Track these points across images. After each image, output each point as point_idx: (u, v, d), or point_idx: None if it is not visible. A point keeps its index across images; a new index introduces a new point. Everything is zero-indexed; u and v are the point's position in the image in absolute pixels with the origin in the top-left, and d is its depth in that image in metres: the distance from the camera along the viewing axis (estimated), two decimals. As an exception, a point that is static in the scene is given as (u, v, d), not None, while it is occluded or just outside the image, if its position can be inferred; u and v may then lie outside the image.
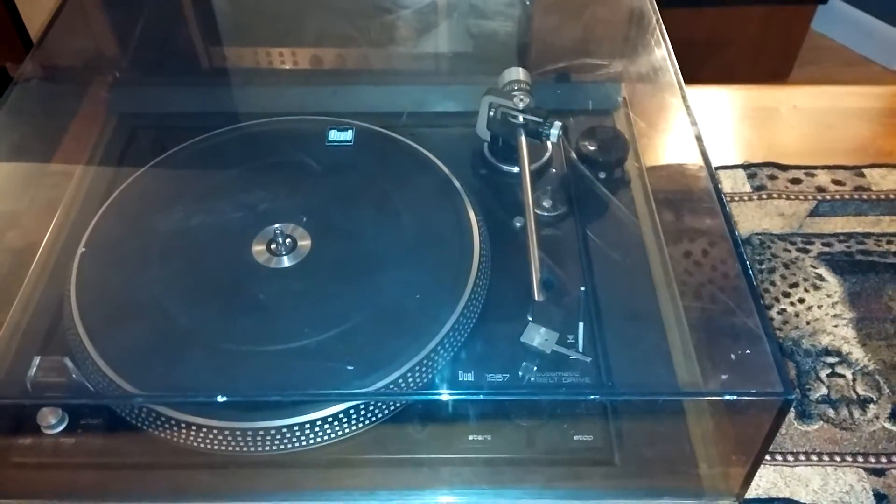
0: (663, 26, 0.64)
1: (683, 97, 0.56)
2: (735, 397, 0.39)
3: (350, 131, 0.60)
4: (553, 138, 0.60)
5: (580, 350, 0.50)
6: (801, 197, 0.74)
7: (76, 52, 0.71)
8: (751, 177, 0.76)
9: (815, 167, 0.77)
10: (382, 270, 0.54)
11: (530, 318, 0.52)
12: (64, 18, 0.66)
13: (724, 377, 0.44)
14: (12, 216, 0.62)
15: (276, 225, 0.56)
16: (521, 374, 0.48)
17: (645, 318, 0.53)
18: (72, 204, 0.62)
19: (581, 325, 0.51)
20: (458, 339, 0.51)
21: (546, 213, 0.60)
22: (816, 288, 0.67)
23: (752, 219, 0.72)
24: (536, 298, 0.49)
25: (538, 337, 0.47)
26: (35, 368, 0.48)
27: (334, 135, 0.59)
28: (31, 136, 0.64)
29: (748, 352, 0.41)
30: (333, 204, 0.59)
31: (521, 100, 0.60)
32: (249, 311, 0.52)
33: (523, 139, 0.60)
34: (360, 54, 0.74)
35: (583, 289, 0.54)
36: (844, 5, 1.97)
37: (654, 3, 0.65)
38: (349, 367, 0.46)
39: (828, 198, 0.74)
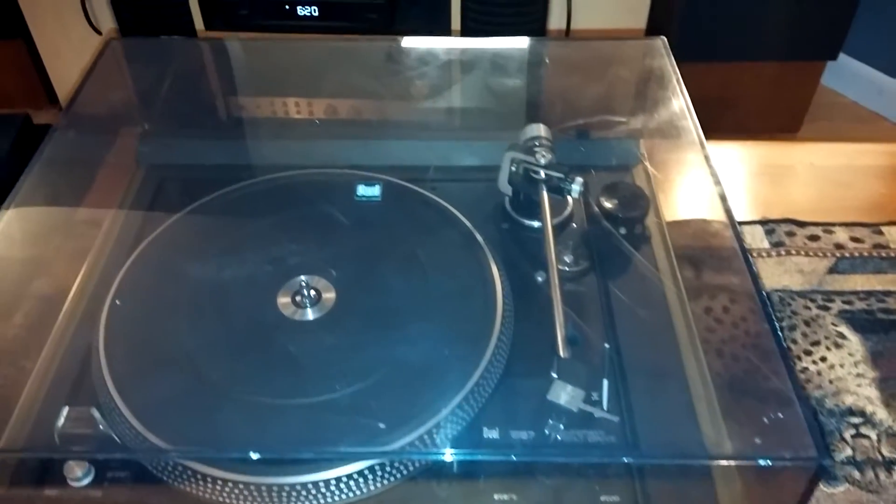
0: (683, 84, 0.65)
1: (706, 157, 0.57)
2: (768, 462, 0.39)
3: (377, 186, 0.61)
4: (575, 194, 0.60)
5: (605, 407, 0.50)
6: (820, 254, 0.75)
7: (106, 105, 0.73)
8: (769, 233, 0.77)
9: (833, 224, 0.78)
10: (405, 325, 0.54)
11: (555, 375, 0.52)
12: (96, 74, 0.67)
13: (757, 441, 0.44)
14: (41, 264, 0.63)
15: (301, 277, 0.57)
16: (547, 432, 0.48)
17: (669, 376, 0.53)
18: (100, 253, 0.63)
19: (605, 382, 0.51)
20: (482, 395, 0.51)
21: (567, 269, 0.61)
22: (838, 346, 0.67)
23: (771, 275, 0.73)
24: (562, 355, 0.50)
25: (564, 395, 0.47)
26: (63, 419, 0.48)
27: (362, 189, 0.60)
28: (61, 186, 0.66)
29: (780, 415, 0.41)
30: (358, 256, 0.59)
31: (543, 156, 0.61)
32: (273, 365, 0.52)
33: (545, 194, 0.61)
34: (384, 109, 0.76)
35: (607, 345, 0.54)
36: (854, 62, 2.00)
37: (674, 61, 0.67)
38: (381, 426, 0.46)
39: (847, 255, 0.75)
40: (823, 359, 0.66)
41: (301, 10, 1.61)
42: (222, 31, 1.70)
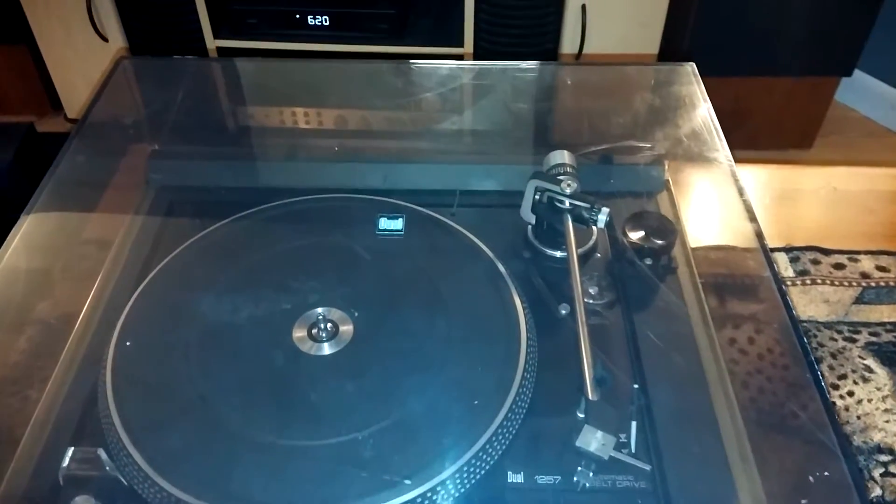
0: (713, 111, 0.63)
1: (740, 190, 0.55)
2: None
3: (400, 219, 0.58)
4: (601, 224, 0.58)
5: (633, 450, 0.48)
6: (846, 283, 0.73)
7: (117, 125, 0.71)
8: (793, 261, 0.75)
9: (859, 252, 0.76)
10: (425, 361, 0.52)
11: (581, 415, 0.50)
12: (106, 94, 0.65)
13: (803, 502, 0.42)
14: (48, 287, 0.61)
15: (318, 309, 0.55)
16: (575, 479, 0.46)
17: (699, 417, 0.51)
18: (108, 279, 0.61)
19: (634, 423, 0.49)
20: (506, 437, 0.49)
21: (592, 301, 0.59)
22: (865, 380, 0.65)
23: (797, 305, 0.71)
24: (590, 398, 0.48)
25: (595, 442, 0.45)
26: (68, 459, 0.47)
27: (384, 223, 0.58)
28: (71, 207, 0.64)
29: (826, 473, 0.39)
30: (376, 287, 0.57)
31: (569, 185, 0.59)
32: (287, 405, 0.50)
33: (570, 224, 0.59)
34: (402, 131, 0.74)
35: (636, 385, 0.52)
36: (868, 77, 1.98)
37: (703, 88, 0.65)
38: (407, 482, 0.44)
39: (872, 284, 0.73)
40: (851, 393, 0.64)
41: (311, 20, 1.60)
42: (231, 39, 1.68)
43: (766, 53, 1.72)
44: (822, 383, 0.43)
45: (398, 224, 0.58)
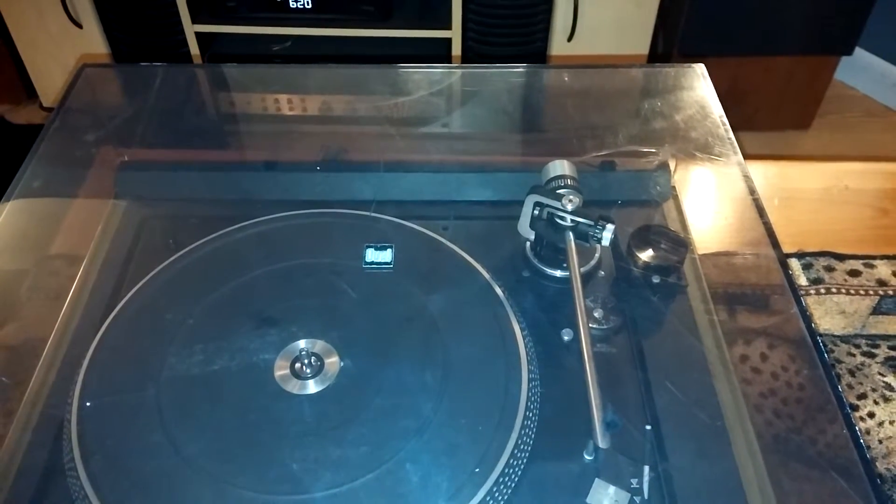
0: (724, 115, 0.58)
1: (756, 200, 0.51)
2: None
3: (389, 251, 0.54)
4: (605, 242, 0.54)
5: (645, 496, 0.45)
6: (862, 292, 0.69)
7: (82, 134, 0.66)
8: (806, 267, 0.71)
9: (874, 257, 0.72)
10: (417, 401, 0.48)
11: (588, 457, 0.46)
12: (70, 104, 0.60)
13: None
14: (10, 313, 0.57)
15: (301, 342, 0.51)
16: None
17: (715, 457, 0.48)
18: (75, 308, 0.56)
19: (647, 468, 0.45)
20: (508, 486, 0.45)
21: (597, 326, 0.55)
22: (886, 400, 0.61)
23: (812, 317, 0.67)
24: (600, 445, 0.44)
25: (607, 499, 0.42)
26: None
27: (371, 255, 0.53)
28: (37, 224, 0.59)
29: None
30: (361, 317, 0.53)
31: (570, 200, 0.55)
32: (271, 452, 0.46)
33: (573, 244, 0.54)
34: (390, 139, 0.69)
35: (648, 427, 0.48)
36: (868, 55, 1.93)
37: (713, 89, 0.60)
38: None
39: (890, 293, 0.69)
40: (871, 415, 0.61)
41: (293, 3, 1.53)
42: (210, 24, 1.62)
43: (765, 32, 1.66)
44: (847, 408, 0.40)
45: (387, 256, 0.53)
